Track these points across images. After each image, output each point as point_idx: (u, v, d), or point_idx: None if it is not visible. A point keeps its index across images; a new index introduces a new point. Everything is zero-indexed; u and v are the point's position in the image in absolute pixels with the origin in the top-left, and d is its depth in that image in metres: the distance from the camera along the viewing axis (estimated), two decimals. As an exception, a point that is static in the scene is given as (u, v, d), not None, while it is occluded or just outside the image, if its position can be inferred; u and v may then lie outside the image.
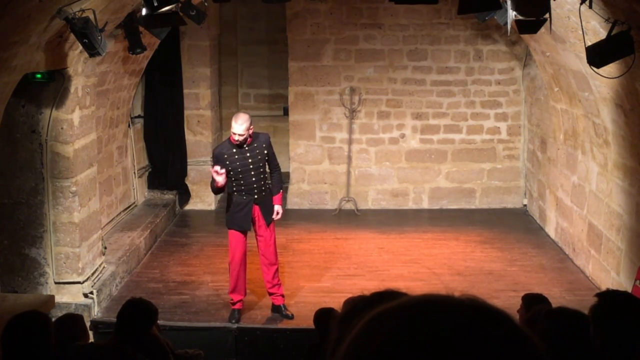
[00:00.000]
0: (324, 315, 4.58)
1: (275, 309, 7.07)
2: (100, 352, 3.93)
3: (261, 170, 6.64)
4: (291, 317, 7.01)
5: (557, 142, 9.17)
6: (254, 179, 6.59)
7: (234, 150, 6.55)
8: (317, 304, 6.30)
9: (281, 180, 6.95)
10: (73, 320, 4.36)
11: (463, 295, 0.85)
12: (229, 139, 6.72)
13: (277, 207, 6.78)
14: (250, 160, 6.57)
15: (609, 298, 3.07)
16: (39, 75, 6.20)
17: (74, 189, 6.68)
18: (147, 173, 10.58)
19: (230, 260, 6.83)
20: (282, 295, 7.07)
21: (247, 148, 6.57)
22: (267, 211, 6.74)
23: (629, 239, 6.83)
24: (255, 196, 6.65)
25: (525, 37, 8.65)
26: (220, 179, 6.36)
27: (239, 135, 6.46)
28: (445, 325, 0.80)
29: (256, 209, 6.70)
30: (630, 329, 2.84)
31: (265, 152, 6.65)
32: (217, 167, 6.37)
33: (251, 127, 6.55)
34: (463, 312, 0.82)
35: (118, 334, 3.99)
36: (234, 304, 6.89)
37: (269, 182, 6.81)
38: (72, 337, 4.06)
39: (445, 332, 0.79)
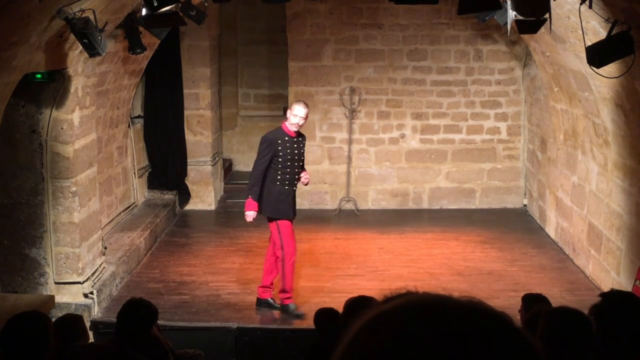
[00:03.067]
0: (324, 315, 4.58)
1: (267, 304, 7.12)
2: (100, 352, 3.93)
3: (301, 164, 6.87)
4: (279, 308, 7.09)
5: (557, 142, 9.17)
6: (296, 170, 6.80)
7: (287, 138, 6.73)
8: (317, 304, 6.30)
9: None
10: (73, 320, 4.36)
11: (462, 296, 0.85)
12: (280, 128, 6.85)
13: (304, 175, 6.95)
14: (296, 152, 6.78)
15: (612, 298, 3.07)
16: (39, 76, 6.20)
17: (74, 189, 6.68)
18: (147, 173, 10.58)
19: (287, 252, 6.80)
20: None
21: (295, 140, 6.77)
22: (295, 205, 6.98)
23: (629, 239, 6.83)
24: (294, 188, 6.86)
25: (525, 37, 8.65)
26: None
27: (302, 118, 6.67)
28: (444, 326, 0.80)
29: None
30: (632, 328, 2.84)
31: (303, 149, 6.89)
32: (252, 216, 6.79)
33: None
34: (461, 313, 0.82)
35: (118, 334, 3.99)
36: (287, 297, 6.95)
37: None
38: (71, 337, 4.06)
39: (444, 333, 0.79)
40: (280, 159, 6.68)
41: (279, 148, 6.66)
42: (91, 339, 6.33)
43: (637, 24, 5.26)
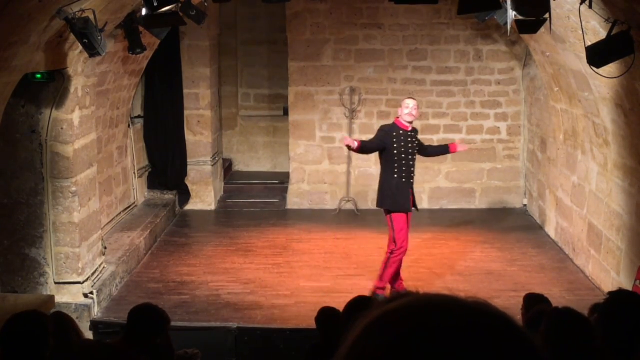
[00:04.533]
0: (326, 314, 4.55)
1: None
2: (106, 350, 3.92)
3: (415, 157, 7.10)
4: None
5: (557, 142, 9.17)
6: (411, 162, 7.03)
7: (401, 132, 6.97)
8: (317, 304, 6.28)
9: None
10: (63, 318, 4.35)
11: (466, 296, 0.86)
12: (394, 123, 7.09)
13: (460, 146, 7.54)
14: (410, 145, 7.01)
15: (620, 297, 3.08)
16: (39, 75, 6.20)
17: (74, 189, 6.68)
18: (147, 173, 10.58)
19: (400, 245, 7.05)
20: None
21: (409, 133, 7.01)
22: (414, 198, 7.15)
23: (629, 239, 6.83)
24: (411, 180, 7.06)
25: (525, 37, 8.64)
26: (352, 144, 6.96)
27: (413, 109, 6.96)
28: (448, 326, 0.80)
29: (411, 193, 7.08)
30: (636, 328, 2.84)
31: (417, 142, 7.12)
32: (348, 140, 7.04)
33: None
34: (465, 314, 0.82)
35: (127, 337, 3.97)
36: (382, 288, 7.13)
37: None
38: (64, 334, 4.05)
39: (448, 333, 0.79)
40: (395, 152, 6.93)
41: (394, 140, 6.92)
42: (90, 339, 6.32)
43: (637, 24, 5.26)
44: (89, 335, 6.52)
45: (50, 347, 3.43)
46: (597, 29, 5.93)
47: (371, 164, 11.03)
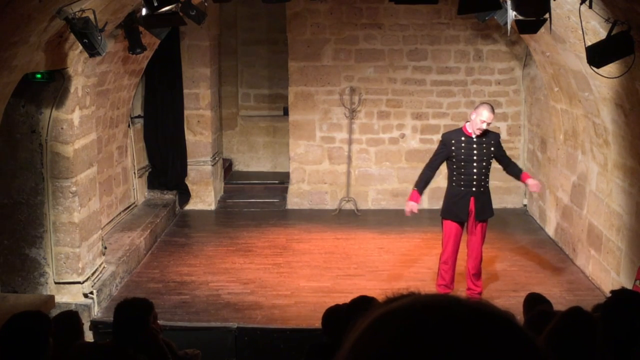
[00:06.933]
0: (333, 314, 4.51)
1: None
2: (102, 351, 3.92)
3: (484, 164, 6.71)
4: None
5: (557, 142, 9.17)
6: (475, 170, 6.69)
7: (463, 138, 6.66)
8: (317, 304, 6.30)
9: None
10: (69, 317, 4.35)
11: (468, 297, 0.86)
12: (461, 128, 6.80)
13: (531, 181, 6.82)
14: (475, 152, 6.66)
15: (623, 296, 3.07)
16: (39, 75, 6.20)
17: (74, 189, 6.68)
18: (147, 173, 10.58)
19: (442, 252, 6.88)
20: (479, 293, 7.02)
21: (475, 139, 6.65)
22: (482, 207, 6.79)
23: (629, 239, 6.83)
24: (473, 189, 6.73)
25: (525, 37, 8.65)
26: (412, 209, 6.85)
27: (487, 124, 6.56)
28: (450, 326, 0.80)
29: (472, 202, 6.76)
30: (635, 327, 2.84)
31: (492, 149, 6.73)
32: (410, 207, 6.88)
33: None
34: (468, 314, 0.82)
35: (115, 334, 3.97)
36: (442, 286, 6.98)
37: (488, 180, 6.84)
38: (69, 335, 4.05)
39: (451, 333, 0.79)
40: (454, 159, 6.70)
41: (452, 148, 6.68)
42: (91, 339, 6.34)
43: (637, 24, 5.26)
44: (88, 334, 6.52)
45: (50, 347, 3.43)
46: (597, 29, 5.93)
47: (371, 164, 11.03)
